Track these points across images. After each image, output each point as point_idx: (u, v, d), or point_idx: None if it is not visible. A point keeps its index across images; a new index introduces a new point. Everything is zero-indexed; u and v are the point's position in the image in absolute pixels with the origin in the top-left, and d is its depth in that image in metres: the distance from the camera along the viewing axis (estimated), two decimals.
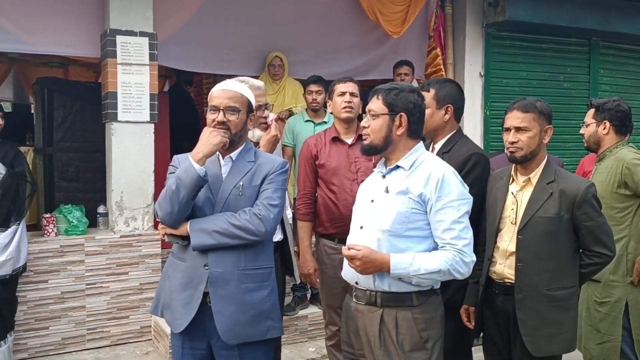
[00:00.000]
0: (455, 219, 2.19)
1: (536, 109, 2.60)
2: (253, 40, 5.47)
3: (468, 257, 2.20)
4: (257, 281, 2.43)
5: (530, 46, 6.55)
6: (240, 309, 2.38)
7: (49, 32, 4.60)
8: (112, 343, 4.62)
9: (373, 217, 2.30)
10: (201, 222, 2.39)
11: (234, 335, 2.38)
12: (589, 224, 2.57)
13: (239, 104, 2.41)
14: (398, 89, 2.33)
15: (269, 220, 2.36)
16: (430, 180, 2.22)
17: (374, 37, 6.08)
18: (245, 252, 2.40)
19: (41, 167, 5.45)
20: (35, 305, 4.38)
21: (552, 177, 2.61)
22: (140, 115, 4.65)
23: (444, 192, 2.20)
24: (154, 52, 4.67)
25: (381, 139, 2.31)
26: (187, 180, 2.30)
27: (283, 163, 2.48)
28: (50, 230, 4.47)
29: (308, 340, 4.87)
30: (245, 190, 2.40)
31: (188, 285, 2.41)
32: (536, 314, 2.57)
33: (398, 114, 2.30)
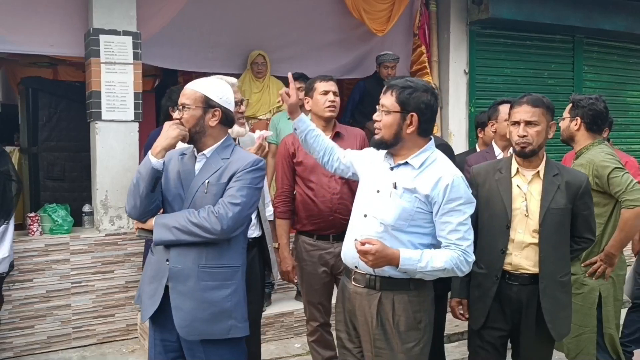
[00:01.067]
0: (461, 221, 2.31)
1: (544, 104, 2.68)
2: (237, 38, 5.49)
3: (470, 256, 2.34)
4: (219, 279, 2.44)
5: (514, 43, 6.60)
6: (199, 305, 2.41)
7: (33, 32, 4.60)
8: (98, 341, 4.64)
9: (378, 208, 2.40)
10: (164, 218, 2.44)
11: (192, 331, 2.42)
12: (586, 213, 2.76)
13: (190, 100, 2.45)
14: (412, 87, 2.36)
15: (226, 219, 2.35)
16: (439, 184, 2.31)
17: (358, 35, 6.11)
18: (207, 249, 2.42)
19: (27, 166, 5.46)
20: (20, 304, 4.39)
21: (556, 170, 2.74)
22: (125, 114, 4.66)
23: (453, 197, 2.30)
24: (137, 51, 4.68)
25: (392, 135, 2.38)
26: (144, 173, 2.37)
27: (255, 161, 2.48)
28: (35, 229, 4.48)
29: (294, 337, 4.90)
30: (210, 187, 2.43)
31: (154, 278, 2.48)
32: (555, 301, 2.71)
33: (409, 114, 2.35)
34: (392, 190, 2.36)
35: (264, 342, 4.67)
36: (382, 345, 2.41)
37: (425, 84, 2.44)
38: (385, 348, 2.41)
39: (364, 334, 2.47)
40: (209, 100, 2.46)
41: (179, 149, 2.55)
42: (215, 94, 2.48)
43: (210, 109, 2.46)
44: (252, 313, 3.07)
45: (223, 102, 2.49)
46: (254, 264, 3.06)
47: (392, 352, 2.40)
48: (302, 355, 4.60)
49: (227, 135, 2.55)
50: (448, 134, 6.24)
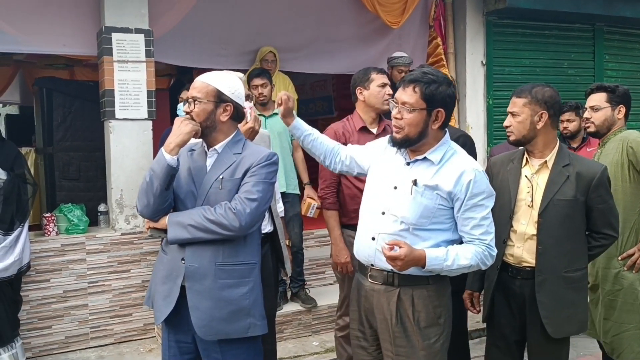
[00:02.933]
0: (484, 215, 2.27)
1: (530, 94, 2.63)
2: (249, 35, 5.43)
3: (494, 250, 2.31)
4: (236, 277, 2.38)
5: (532, 33, 6.46)
6: (217, 304, 2.35)
7: (46, 32, 4.59)
8: (116, 341, 4.63)
9: (396, 206, 2.32)
10: (179, 216, 2.37)
11: (210, 331, 2.36)
12: (602, 206, 2.64)
13: (201, 93, 2.38)
14: (436, 82, 2.27)
15: (244, 215, 2.29)
16: (462, 180, 2.25)
17: (373, 28, 6.02)
18: (224, 247, 2.36)
19: (42, 167, 5.47)
20: (38, 304, 4.39)
21: (567, 160, 2.66)
22: (138, 113, 4.64)
23: (476, 192, 2.25)
24: (150, 49, 4.65)
25: (417, 133, 2.29)
26: (158, 171, 2.30)
27: (269, 155, 2.41)
28: (51, 229, 4.48)
29: (312, 335, 4.85)
30: (225, 183, 2.36)
31: (168, 278, 2.41)
32: (555, 296, 2.62)
33: (436, 109, 2.28)
34: (413, 187, 2.29)
35: (281, 340, 4.65)
36: (403, 343, 2.35)
37: (445, 77, 2.35)
38: (405, 346, 2.34)
39: (383, 332, 2.41)
40: (221, 94, 2.39)
41: (187, 145, 2.49)
42: (227, 88, 2.41)
43: (222, 103, 2.39)
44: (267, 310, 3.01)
45: (235, 97, 2.42)
46: (266, 260, 3.01)
47: (413, 349, 2.34)
48: (320, 353, 4.55)
49: (237, 130, 2.49)
50: (466, 127, 6.13)
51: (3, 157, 3.92)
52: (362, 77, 3.36)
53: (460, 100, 6.12)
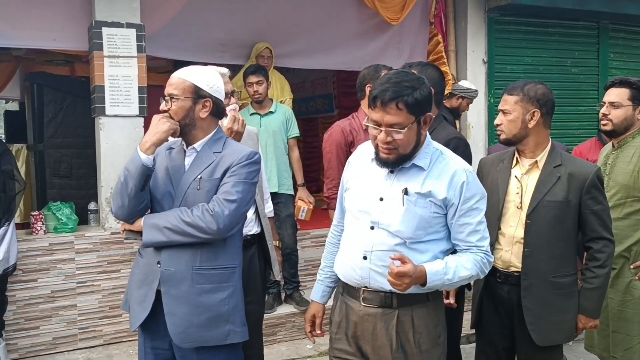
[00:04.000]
0: (479, 220, 2.09)
1: (522, 91, 2.52)
2: (246, 30, 5.32)
3: (492, 256, 2.15)
4: (215, 282, 2.27)
5: (535, 30, 6.33)
6: (194, 310, 2.24)
7: (36, 26, 4.49)
8: (105, 342, 4.53)
9: (387, 219, 2.08)
10: (154, 218, 2.27)
11: (187, 338, 2.25)
12: (597, 208, 2.50)
13: (178, 90, 2.27)
14: (414, 87, 2.07)
15: (222, 217, 2.18)
16: (454, 183, 2.07)
17: (372, 25, 5.90)
18: (202, 250, 2.24)
19: (33, 164, 5.38)
20: (25, 304, 4.29)
21: (559, 160, 2.54)
22: (129, 109, 4.54)
23: (469, 195, 2.07)
24: (142, 44, 4.55)
25: (412, 148, 2.07)
26: (133, 171, 2.20)
27: (250, 154, 2.30)
28: (39, 228, 4.38)
29: (306, 338, 4.72)
30: (203, 183, 2.25)
31: (144, 283, 2.30)
32: (542, 302, 2.50)
33: (424, 115, 2.04)
34: (404, 197, 2.06)
35: (274, 343, 4.56)
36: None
37: (413, 74, 2.11)
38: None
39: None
40: (199, 89, 2.28)
41: (165, 143, 2.38)
42: (205, 82, 2.29)
43: (200, 99, 2.28)
44: (254, 314, 2.93)
45: (214, 92, 2.31)
46: (253, 262, 2.90)
47: None
48: (313, 356, 4.45)
49: (217, 127, 2.38)
50: (466, 126, 6.02)
51: None
52: (372, 74, 3.28)
53: None
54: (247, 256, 2.87)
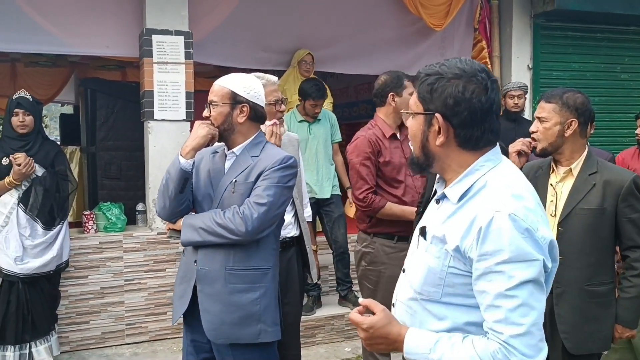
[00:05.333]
0: (502, 291, 1.38)
1: (560, 99, 2.50)
2: (289, 36, 5.43)
3: (517, 355, 1.37)
4: (247, 282, 2.35)
5: (582, 36, 6.24)
6: (227, 309, 2.33)
7: (90, 34, 4.71)
8: (150, 338, 4.69)
9: (409, 262, 1.67)
10: (192, 218, 2.38)
11: (220, 335, 2.35)
12: (635, 216, 2.46)
13: (217, 97, 2.38)
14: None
15: (251, 220, 2.26)
16: (473, 227, 1.43)
17: (415, 30, 5.93)
18: (235, 251, 2.34)
19: (86, 165, 5.61)
20: (77, 300, 4.50)
21: (595, 168, 2.51)
22: (176, 114, 4.70)
23: (489, 248, 1.40)
24: (189, 51, 4.71)
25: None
26: (173, 174, 2.32)
27: (284, 158, 2.37)
28: (90, 227, 4.58)
29: (344, 340, 4.80)
30: (238, 187, 2.35)
31: (183, 279, 2.43)
32: (576, 310, 2.48)
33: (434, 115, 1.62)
34: (419, 238, 1.62)
35: (313, 345, 4.63)
36: None
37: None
38: None
39: None
40: (236, 95, 2.37)
41: (211, 147, 2.49)
42: (242, 88, 2.38)
43: (237, 104, 2.38)
44: (291, 315, 3.01)
45: (251, 97, 2.39)
46: (291, 264, 2.98)
47: None
48: (352, 359, 4.50)
49: (258, 132, 2.47)
50: None
51: (43, 154, 4.02)
52: (395, 83, 3.27)
53: None
54: (286, 258, 2.96)
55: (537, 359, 1.37)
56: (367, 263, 3.31)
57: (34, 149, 4.00)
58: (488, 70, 1.52)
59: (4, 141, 4.05)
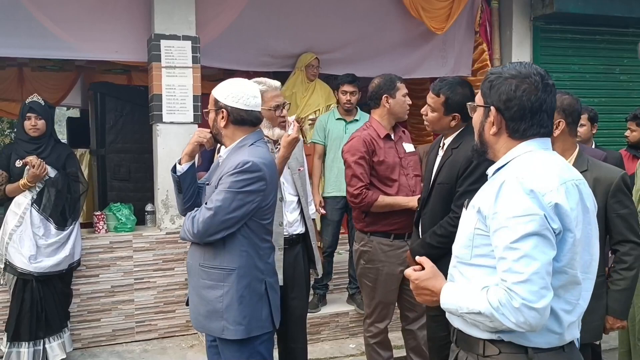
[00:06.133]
0: (508, 243, 1.57)
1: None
2: (294, 39, 5.54)
3: (517, 299, 1.54)
4: (213, 280, 2.49)
5: (582, 39, 6.34)
6: (200, 301, 2.54)
7: (99, 40, 4.83)
8: (160, 336, 4.81)
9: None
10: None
11: (197, 324, 2.61)
12: (624, 212, 2.57)
13: (210, 103, 2.57)
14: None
15: (196, 223, 2.40)
16: (492, 191, 1.66)
17: (418, 34, 6.03)
18: (206, 249, 2.50)
19: (95, 167, 5.73)
20: (88, 298, 4.62)
21: (585, 166, 2.61)
22: (184, 117, 4.82)
23: (499, 206, 1.61)
24: (196, 55, 4.83)
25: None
26: (172, 178, 2.59)
27: (239, 164, 2.38)
28: (101, 227, 4.70)
29: (349, 337, 4.90)
30: (209, 190, 2.55)
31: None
32: None
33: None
34: (464, 210, 1.85)
35: (318, 342, 4.72)
36: None
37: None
38: None
39: None
40: (217, 101, 2.53)
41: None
42: (220, 94, 2.51)
43: (219, 109, 2.52)
44: (297, 309, 3.13)
45: (230, 102, 2.48)
46: (298, 260, 3.10)
47: None
48: (356, 355, 4.59)
49: (245, 136, 2.53)
50: None
51: (55, 156, 4.14)
52: (388, 85, 3.35)
53: None
54: (292, 254, 3.08)
55: (538, 304, 1.53)
56: (366, 261, 3.41)
57: (46, 151, 4.12)
58: (544, 74, 1.75)
59: (18, 144, 4.18)
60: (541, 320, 1.55)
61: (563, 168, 1.70)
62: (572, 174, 1.71)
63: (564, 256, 1.61)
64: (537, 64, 5.50)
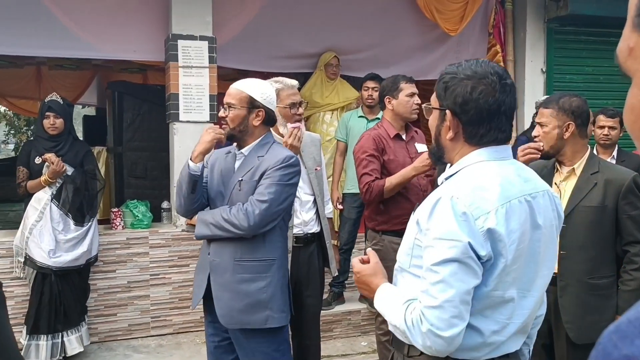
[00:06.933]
0: (429, 265, 1.51)
1: (556, 104, 2.66)
2: (310, 40, 5.60)
3: (426, 324, 1.48)
4: (253, 272, 2.55)
5: (596, 40, 6.32)
6: (236, 296, 2.54)
7: (118, 39, 4.92)
8: (174, 331, 4.88)
9: None
10: (204, 214, 2.59)
11: (230, 320, 2.57)
12: (634, 213, 2.60)
13: (235, 100, 2.56)
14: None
15: (253, 216, 2.45)
16: (429, 205, 1.58)
17: (433, 36, 6.06)
18: (242, 244, 2.54)
19: (113, 165, 5.82)
20: (105, 293, 4.70)
21: (597, 167, 2.66)
22: (201, 116, 4.89)
23: (431, 224, 1.54)
24: (213, 55, 4.90)
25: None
26: (184, 176, 2.54)
27: (286, 158, 2.53)
28: (118, 223, 4.79)
29: (361, 335, 4.95)
30: (243, 185, 2.54)
31: (200, 270, 2.68)
32: (578, 302, 2.63)
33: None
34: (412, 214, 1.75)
35: (330, 339, 4.78)
36: None
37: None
38: None
39: None
40: (254, 100, 2.56)
41: (225, 148, 2.69)
42: (260, 94, 2.57)
43: (254, 109, 2.57)
44: (312, 307, 3.19)
45: (266, 103, 2.59)
46: (312, 259, 3.15)
47: None
48: (367, 353, 4.64)
49: (266, 134, 2.65)
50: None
51: (73, 154, 4.23)
52: (390, 86, 3.38)
53: (518, 108, 6.09)
54: (307, 253, 3.14)
55: (445, 332, 1.47)
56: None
57: (64, 149, 4.21)
58: (502, 74, 1.62)
59: (37, 141, 4.28)
60: (447, 348, 1.49)
61: (512, 182, 1.58)
62: (523, 188, 1.59)
63: (492, 281, 1.53)
64: (551, 66, 5.56)
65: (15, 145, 19.17)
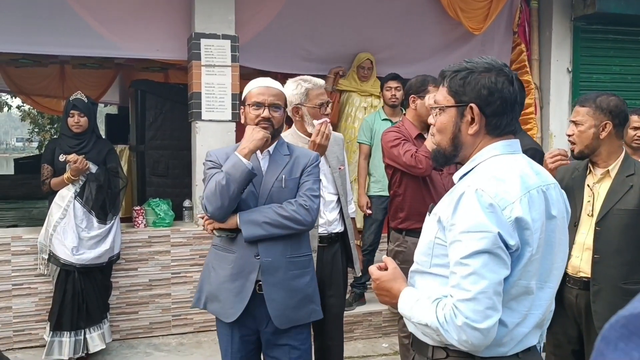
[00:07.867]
0: (459, 258, 1.50)
1: (594, 103, 2.58)
2: (333, 40, 5.58)
3: (461, 317, 1.47)
4: (301, 267, 2.57)
5: (624, 39, 6.22)
6: (289, 294, 2.52)
7: (141, 38, 4.93)
8: (195, 330, 4.89)
9: None
10: (250, 215, 2.49)
11: (284, 320, 2.52)
12: None
13: (281, 101, 2.57)
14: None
15: (314, 210, 2.52)
16: (452, 200, 1.57)
17: (456, 35, 6.01)
18: (292, 240, 2.54)
19: (135, 163, 5.85)
20: (127, 291, 4.72)
21: (632, 170, 2.59)
22: (223, 115, 4.89)
23: (457, 219, 1.53)
24: (235, 54, 4.89)
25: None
26: (237, 175, 2.40)
27: (316, 156, 2.68)
28: (140, 221, 4.80)
29: (382, 336, 4.91)
30: (287, 182, 2.54)
31: (239, 276, 2.49)
32: (612, 307, 2.52)
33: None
34: (427, 214, 1.74)
35: (351, 340, 4.75)
36: None
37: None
38: None
39: None
40: (286, 100, 2.67)
41: (227, 148, 2.68)
42: (289, 95, 2.71)
43: (285, 109, 2.65)
44: (335, 307, 3.16)
45: (289, 104, 2.72)
46: (336, 259, 3.12)
47: None
48: (388, 355, 4.61)
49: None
50: (549, 135, 6.00)
51: (96, 152, 4.26)
52: (418, 86, 3.31)
53: (543, 108, 5.99)
54: (331, 253, 3.11)
55: (481, 324, 1.45)
56: (400, 262, 3.35)
57: (87, 147, 4.23)
58: (507, 66, 1.67)
59: (61, 139, 4.31)
60: (484, 340, 1.47)
61: (528, 174, 1.59)
62: (539, 179, 1.60)
63: (518, 271, 1.52)
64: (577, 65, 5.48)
65: (39, 143, 19.44)
